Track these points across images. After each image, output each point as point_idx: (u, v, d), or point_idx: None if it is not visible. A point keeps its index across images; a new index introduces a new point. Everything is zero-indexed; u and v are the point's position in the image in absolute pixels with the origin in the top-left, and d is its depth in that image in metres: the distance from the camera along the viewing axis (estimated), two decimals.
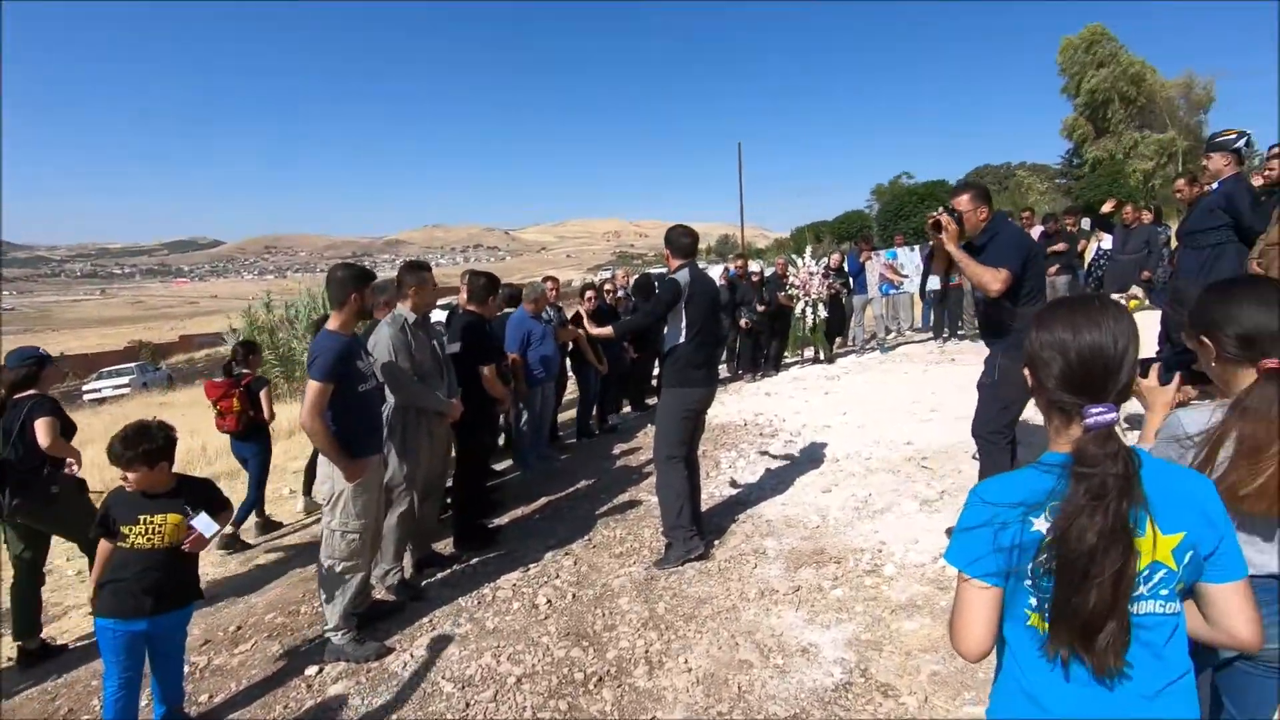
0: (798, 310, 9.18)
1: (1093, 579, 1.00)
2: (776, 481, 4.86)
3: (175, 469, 2.67)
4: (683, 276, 3.70)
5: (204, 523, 2.57)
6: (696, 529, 3.76)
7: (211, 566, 4.71)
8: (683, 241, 3.83)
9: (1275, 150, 5.46)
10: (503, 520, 4.83)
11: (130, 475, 2.49)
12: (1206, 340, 1.42)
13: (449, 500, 4.77)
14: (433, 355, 3.85)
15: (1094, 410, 1.07)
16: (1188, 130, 31.92)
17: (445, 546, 4.32)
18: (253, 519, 5.38)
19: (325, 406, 2.98)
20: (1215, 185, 4.56)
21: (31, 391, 3.63)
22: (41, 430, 3.51)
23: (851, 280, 9.59)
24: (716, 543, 3.94)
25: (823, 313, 9.18)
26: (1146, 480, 1.05)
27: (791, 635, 2.90)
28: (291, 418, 9.24)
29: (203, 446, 9.31)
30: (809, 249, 10.35)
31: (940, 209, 3.31)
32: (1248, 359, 1.35)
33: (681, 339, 3.68)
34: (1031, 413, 3.76)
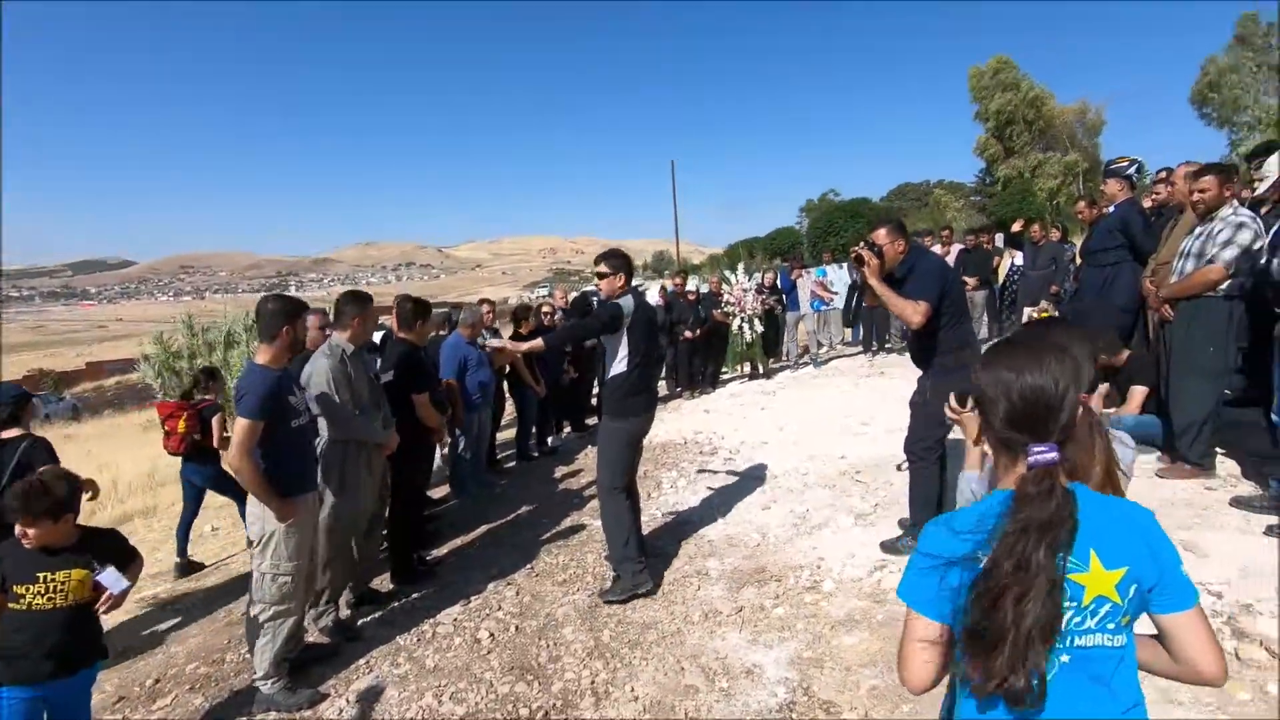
0: (734, 327, 9.36)
1: (1000, 607, 1.03)
2: (717, 500, 4.92)
3: (84, 506, 2.49)
4: (626, 303, 3.58)
5: (112, 578, 2.38)
6: (643, 560, 3.69)
7: (124, 613, 4.40)
8: (627, 266, 3.71)
9: (1161, 175, 5.94)
10: (441, 552, 4.70)
11: (30, 531, 2.29)
12: None
13: (383, 533, 4.63)
14: (370, 386, 3.76)
15: (1036, 449, 1.10)
16: (1085, 152, 34.35)
17: (382, 583, 4.17)
18: (174, 560, 5.11)
19: (254, 445, 2.86)
20: (1112, 208, 4.93)
21: (19, 431, 3.59)
22: None
23: (784, 297, 9.85)
24: (659, 565, 3.94)
25: (759, 328, 9.39)
26: (1091, 515, 1.08)
27: (736, 657, 2.93)
28: None
29: (113, 482, 8.75)
30: (741, 265, 10.59)
31: (861, 243, 3.47)
32: None
33: (624, 367, 3.59)
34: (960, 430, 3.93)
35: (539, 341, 3.84)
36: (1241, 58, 26.91)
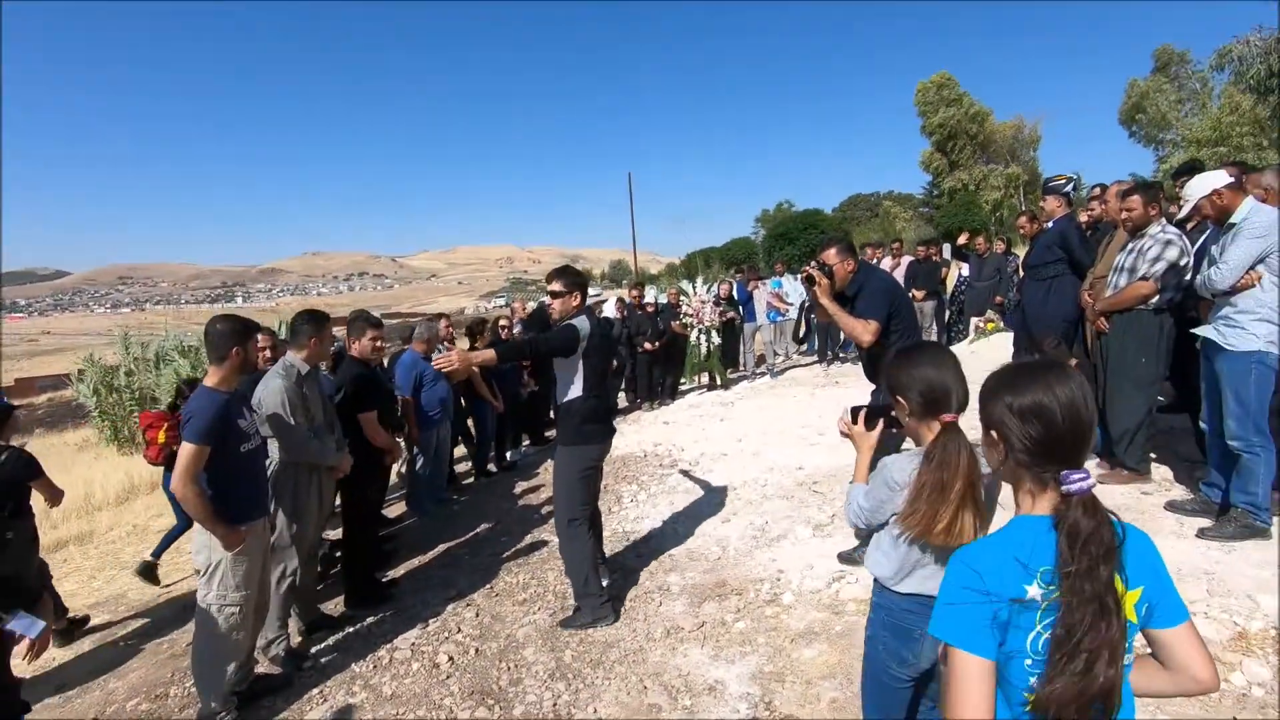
0: (693, 338, 9.44)
1: (1088, 647, 1.01)
2: (677, 513, 4.94)
3: None
4: (583, 325, 3.37)
5: (25, 623, 2.20)
6: (605, 593, 3.54)
7: (53, 648, 4.17)
8: (582, 284, 3.54)
9: (1095, 192, 6.22)
10: (398, 573, 4.60)
11: None
12: (901, 400, 1.65)
13: (337, 555, 4.52)
14: (325, 407, 3.68)
15: (1074, 476, 1.08)
16: (1025, 165, 35.86)
17: (335, 606, 4.06)
18: (146, 557, 5.13)
19: (200, 471, 2.76)
20: (1050, 224, 5.15)
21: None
22: (45, 491, 3.91)
23: (741, 308, 9.98)
24: (621, 581, 3.94)
25: (716, 340, 9.49)
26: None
27: (698, 674, 2.94)
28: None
29: (44, 509, 8.30)
30: (700, 277, 10.71)
31: (812, 263, 3.55)
32: (930, 414, 1.59)
33: (579, 393, 3.42)
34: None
35: (490, 352, 3.39)
36: (1161, 84, 28.49)
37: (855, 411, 1.90)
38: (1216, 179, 3.40)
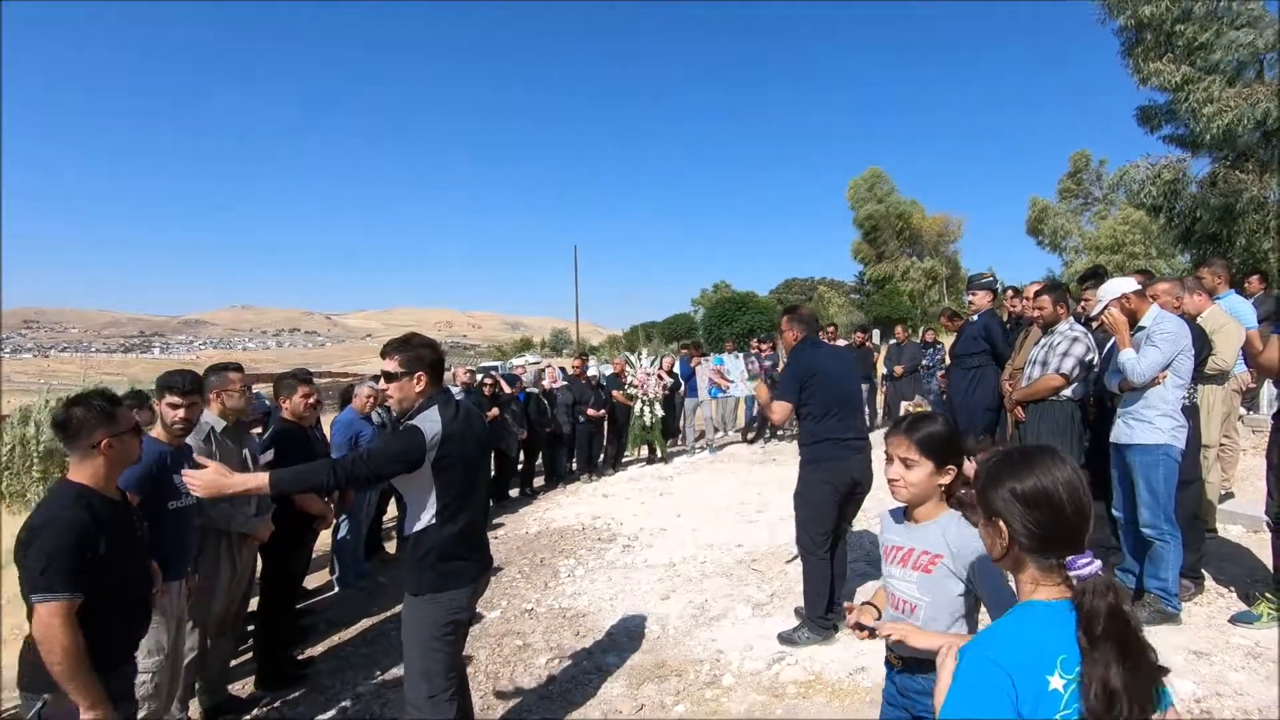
0: (636, 409, 9.47)
1: None
2: (615, 590, 4.83)
3: None
4: (430, 425, 2.32)
5: None
6: None
7: None
8: (430, 361, 2.48)
9: (1009, 292, 6.73)
10: (316, 650, 4.30)
11: None
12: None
13: (249, 630, 4.19)
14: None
15: (1081, 561, 1.06)
16: (946, 260, 38.37)
17: (244, 687, 3.74)
18: None
19: None
20: (975, 317, 5.52)
21: None
22: None
23: (683, 383, 10.13)
24: (558, 661, 3.80)
25: (659, 411, 9.55)
26: None
27: None
28: None
29: None
30: (645, 350, 10.86)
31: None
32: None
33: (430, 521, 2.39)
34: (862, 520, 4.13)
35: (262, 478, 2.29)
36: (1067, 189, 31.31)
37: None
38: (1125, 285, 3.73)
